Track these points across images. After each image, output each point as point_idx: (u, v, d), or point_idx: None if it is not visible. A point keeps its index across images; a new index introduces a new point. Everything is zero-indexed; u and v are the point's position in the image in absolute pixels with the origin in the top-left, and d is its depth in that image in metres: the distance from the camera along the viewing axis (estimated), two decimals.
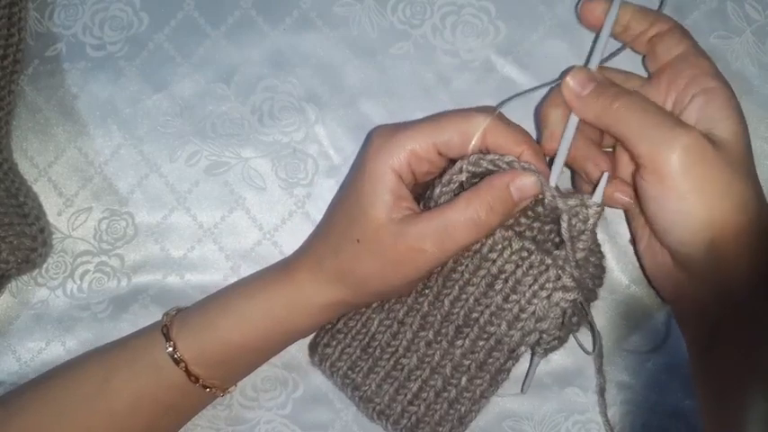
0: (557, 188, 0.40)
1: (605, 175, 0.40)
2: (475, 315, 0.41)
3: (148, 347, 0.42)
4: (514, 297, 0.40)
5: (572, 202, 0.39)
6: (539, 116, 0.43)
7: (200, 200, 0.47)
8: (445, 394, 0.42)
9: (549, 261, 0.39)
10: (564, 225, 0.39)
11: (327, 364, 0.44)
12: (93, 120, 0.47)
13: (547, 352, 0.42)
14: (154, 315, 0.47)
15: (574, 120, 0.41)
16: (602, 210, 0.40)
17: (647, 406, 0.46)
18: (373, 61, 0.47)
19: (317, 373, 0.46)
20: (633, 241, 0.45)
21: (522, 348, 0.41)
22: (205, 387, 0.42)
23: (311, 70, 0.47)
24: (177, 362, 0.41)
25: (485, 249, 0.41)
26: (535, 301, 0.39)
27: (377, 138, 0.40)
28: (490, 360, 0.41)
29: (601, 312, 0.46)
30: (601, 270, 0.42)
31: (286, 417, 0.47)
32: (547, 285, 0.39)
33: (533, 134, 0.44)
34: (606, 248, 0.46)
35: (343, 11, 0.47)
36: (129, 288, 0.47)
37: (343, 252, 0.40)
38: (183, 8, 0.47)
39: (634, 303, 0.46)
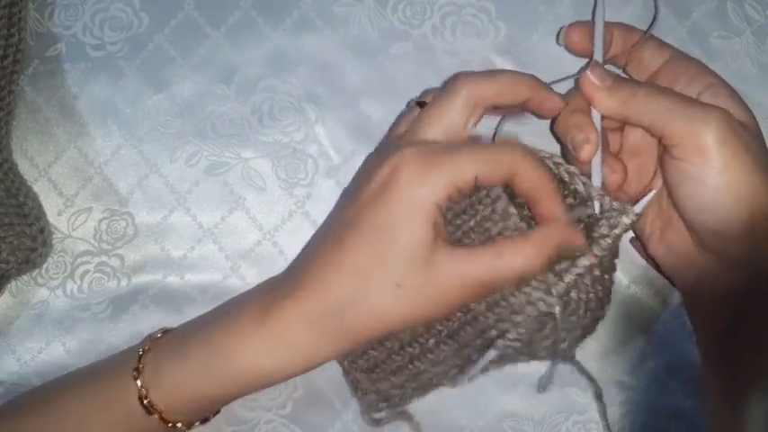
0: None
1: (651, 192, 0.39)
2: None
3: (122, 388, 0.40)
4: None
5: (615, 205, 0.39)
6: (557, 128, 0.41)
7: (200, 200, 0.47)
8: (410, 349, 0.41)
9: None
10: (596, 213, 0.39)
11: None
12: (93, 120, 0.47)
13: (502, 358, 0.41)
14: (154, 315, 0.47)
15: (597, 118, 0.40)
16: (633, 223, 0.39)
17: (646, 406, 0.46)
18: (373, 61, 0.47)
19: (317, 373, 0.46)
20: (640, 240, 0.44)
21: (494, 332, 0.39)
22: (182, 427, 0.41)
23: (311, 70, 0.47)
24: (150, 411, 0.39)
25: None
26: (517, 293, 0.38)
27: (408, 163, 0.36)
28: (462, 332, 0.40)
29: None
30: (602, 302, 0.40)
31: (286, 417, 0.47)
32: (532, 282, 0.39)
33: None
34: None
35: (343, 11, 0.47)
36: (129, 288, 0.47)
37: (373, 296, 0.36)
38: (183, 8, 0.47)
39: (634, 303, 0.46)
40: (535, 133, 0.45)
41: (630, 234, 0.46)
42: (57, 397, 0.42)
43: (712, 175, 0.38)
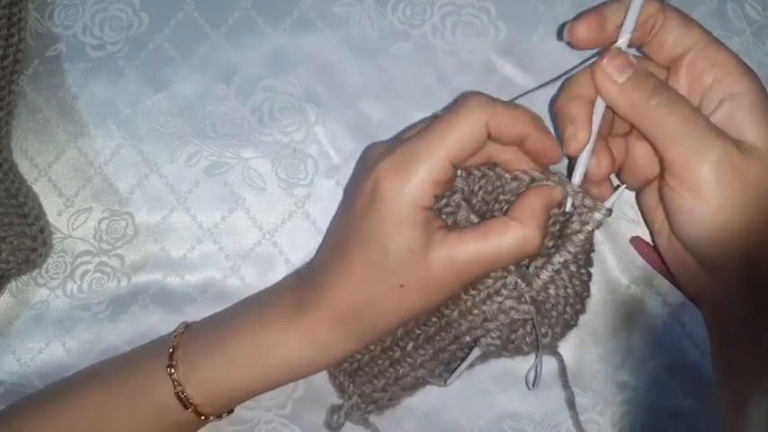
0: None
1: (621, 188, 0.39)
2: None
3: (151, 387, 0.41)
4: (473, 292, 0.39)
5: (587, 201, 0.39)
6: (555, 110, 0.40)
7: (200, 200, 0.47)
8: (390, 353, 0.43)
9: (511, 268, 0.39)
10: (573, 215, 0.39)
11: None
12: (93, 120, 0.47)
13: (486, 354, 0.42)
14: (154, 315, 0.47)
15: (600, 109, 0.38)
16: (604, 219, 0.39)
17: (646, 406, 0.46)
18: (373, 61, 0.47)
19: (317, 374, 0.46)
20: (651, 233, 0.43)
21: (467, 338, 0.40)
22: (213, 418, 0.43)
23: (311, 70, 0.47)
24: (186, 406, 0.41)
25: None
26: (488, 302, 0.39)
27: (386, 175, 0.36)
28: (437, 338, 0.41)
29: (601, 312, 0.46)
30: (581, 297, 0.41)
31: (286, 417, 0.47)
32: (502, 291, 0.39)
33: None
34: (606, 248, 0.46)
35: (343, 11, 0.47)
36: (129, 288, 0.47)
37: (384, 301, 0.38)
38: (183, 8, 0.47)
39: (634, 303, 0.46)
40: None
41: (631, 233, 0.46)
42: (80, 389, 0.43)
43: (705, 213, 0.37)
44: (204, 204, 0.47)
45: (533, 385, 0.44)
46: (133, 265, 0.47)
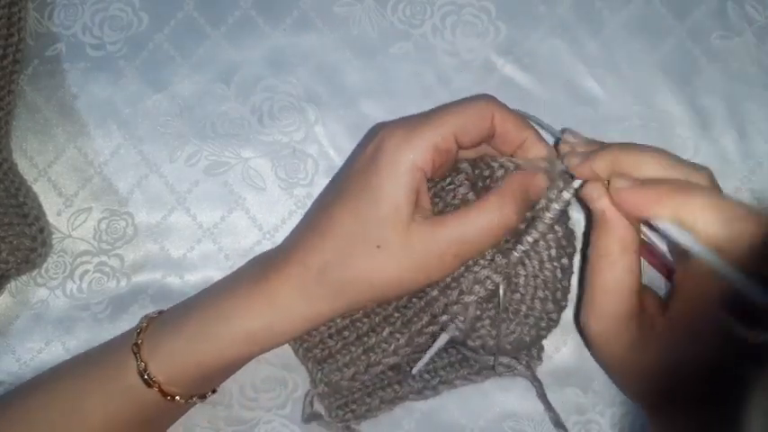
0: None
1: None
2: None
3: (119, 367, 0.41)
4: None
5: (560, 183, 0.39)
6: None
7: (199, 200, 0.47)
8: (365, 339, 0.43)
9: None
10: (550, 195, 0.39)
11: None
12: (92, 120, 0.47)
13: (453, 338, 0.41)
14: None
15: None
16: (572, 197, 0.39)
17: None
18: (373, 61, 0.47)
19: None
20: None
21: (444, 317, 0.40)
22: (181, 400, 0.42)
23: (311, 70, 0.47)
24: (149, 384, 0.40)
25: None
26: (465, 273, 0.39)
27: (392, 132, 0.38)
28: (415, 319, 0.41)
29: None
30: (550, 291, 0.41)
31: (286, 417, 0.47)
32: (480, 261, 0.39)
33: None
34: None
35: (343, 11, 0.47)
36: (129, 288, 0.47)
37: (356, 260, 0.38)
38: (183, 8, 0.47)
39: None
40: None
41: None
42: (54, 380, 0.43)
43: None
44: (204, 204, 0.47)
45: (414, 369, 0.43)
46: (133, 265, 0.47)
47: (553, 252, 0.40)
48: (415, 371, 0.43)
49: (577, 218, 0.45)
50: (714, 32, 0.46)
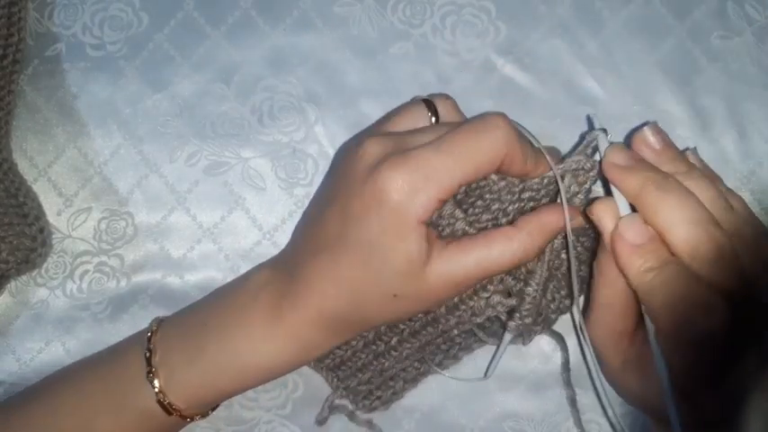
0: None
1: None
2: None
3: (133, 393, 0.41)
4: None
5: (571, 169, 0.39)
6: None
7: (199, 200, 0.47)
8: (374, 347, 0.43)
9: None
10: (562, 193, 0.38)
11: None
12: (92, 120, 0.47)
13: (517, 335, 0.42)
14: (153, 315, 0.47)
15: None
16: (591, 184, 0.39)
17: None
18: (373, 61, 0.47)
19: (316, 373, 0.46)
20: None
21: (455, 332, 0.41)
22: (198, 418, 0.43)
23: (311, 70, 0.47)
24: (170, 411, 0.41)
25: None
26: (476, 298, 0.39)
27: (397, 189, 0.35)
28: (423, 332, 0.42)
29: None
30: (580, 277, 0.41)
31: (286, 417, 0.47)
32: (489, 287, 0.39)
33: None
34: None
35: (343, 11, 0.47)
36: (129, 288, 0.47)
37: (372, 305, 0.38)
38: (183, 8, 0.47)
39: None
40: None
41: None
42: (61, 394, 0.43)
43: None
44: (204, 204, 0.47)
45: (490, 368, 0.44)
46: (133, 265, 0.47)
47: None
48: (489, 374, 0.44)
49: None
50: (714, 32, 0.46)
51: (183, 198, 0.47)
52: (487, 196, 0.39)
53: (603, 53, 0.46)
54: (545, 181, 0.39)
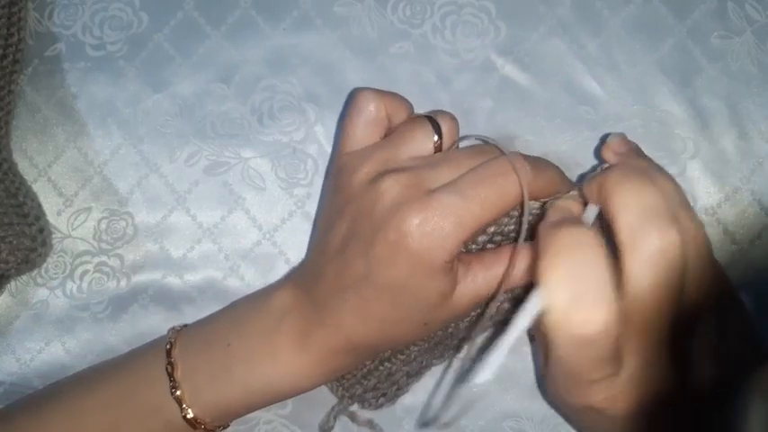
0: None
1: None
2: None
3: (159, 407, 0.41)
4: None
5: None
6: None
7: (199, 200, 0.47)
8: (380, 353, 0.43)
9: None
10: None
11: None
12: (92, 120, 0.47)
13: None
14: (153, 315, 0.47)
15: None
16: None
17: None
18: (373, 61, 0.47)
19: None
20: None
21: (463, 334, 0.41)
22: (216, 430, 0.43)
23: (311, 70, 0.47)
24: (195, 427, 0.41)
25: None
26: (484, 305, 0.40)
27: (422, 236, 0.35)
28: (433, 335, 0.42)
29: None
30: None
31: (286, 417, 0.47)
32: (498, 296, 0.39)
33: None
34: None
35: (343, 11, 0.47)
36: (129, 288, 0.47)
37: (404, 337, 0.39)
38: (183, 8, 0.47)
39: None
40: None
41: None
42: (79, 401, 0.42)
43: None
44: (204, 204, 0.47)
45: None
46: (133, 264, 0.47)
47: None
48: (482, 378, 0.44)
49: None
50: (714, 32, 0.46)
51: (183, 198, 0.47)
52: None
53: (603, 53, 0.46)
54: (535, 208, 0.38)
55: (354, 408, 0.46)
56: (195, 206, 0.47)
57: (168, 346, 0.42)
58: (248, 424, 0.47)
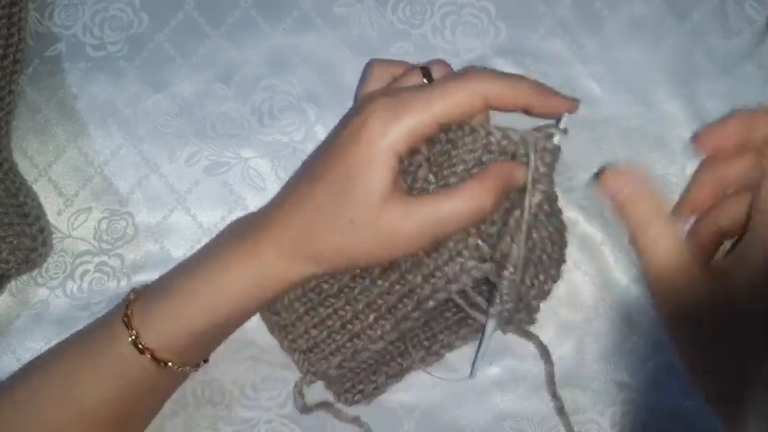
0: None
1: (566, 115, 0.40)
2: (400, 261, 0.41)
3: (110, 339, 0.41)
4: (435, 255, 0.40)
5: (539, 137, 0.39)
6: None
7: (200, 200, 0.47)
8: (350, 326, 0.43)
9: (472, 230, 0.39)
10: (531, 162, 0.38)
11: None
12: (93, 120, 0.47)
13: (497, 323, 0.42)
14: None
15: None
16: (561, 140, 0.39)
17: (646, 406, 0.46)
18: None
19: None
20: None
21: (431, 303, 0.40)
22: (174, 367, 0.42)
23: (311, 70, 0.47)
24: (142, 351, 0.41)
25: None
26: (450, 263, 0.39)
27: (378, 115, 0.38)
28: (400, 305, 0.41)
29: (601, 312, 0.46)
30: (555, 260, 0.41)
31: (286, 417, 0.47)
32: (464, 252, 0.39)
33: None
34: (606, 249, 0.46)
35: (343, 11, 0.47)
36: (129, 288, 0.47)
37: (331, 233, 0.39)
38: (183, 8, 0.47)
39: (634, 303, 0.46)
40: None
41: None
42: (46, 360, 0.44)
43: None
44: (204, 204, 0.47)
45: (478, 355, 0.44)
46: (133, 264, 0.47)
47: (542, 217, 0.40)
48: (473, 375, 0.45)
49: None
50: (714, 32, 0.46)
51: (184, 198, 0.47)
52: (453, 152, 0.39)
53: (603, 53, 0.46)
54: (504, 143, 0.39)
55: (340, 406, 0.46)
56: (195, 206, 0.47)
57: (132, 296, 0.43)
58: (248, 424, 0.47)
